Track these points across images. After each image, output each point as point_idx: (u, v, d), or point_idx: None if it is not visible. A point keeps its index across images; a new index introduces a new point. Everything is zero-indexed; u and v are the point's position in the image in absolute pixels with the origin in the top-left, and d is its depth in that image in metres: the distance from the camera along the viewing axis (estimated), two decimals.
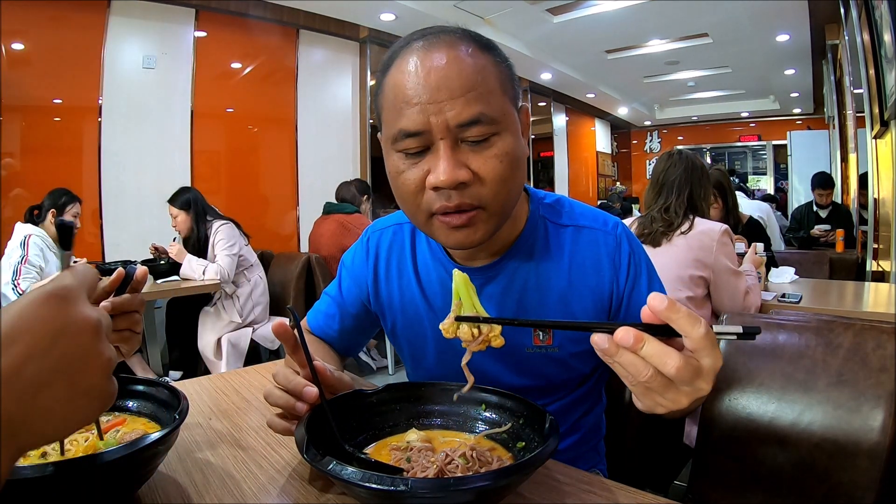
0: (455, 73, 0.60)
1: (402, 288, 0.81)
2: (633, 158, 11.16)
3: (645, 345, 0.43)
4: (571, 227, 0.76)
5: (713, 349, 0.43)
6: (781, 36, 5.39)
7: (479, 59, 0.62)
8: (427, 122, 0.60)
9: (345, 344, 0.90)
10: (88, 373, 0.34)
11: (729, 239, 1.66)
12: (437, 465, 0.51)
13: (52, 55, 3.20)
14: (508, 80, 0.65)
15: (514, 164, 0.63)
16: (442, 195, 0.62)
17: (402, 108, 0.61)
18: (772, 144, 9.70)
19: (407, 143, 0.62)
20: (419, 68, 0.60)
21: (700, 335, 0.42)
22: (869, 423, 0.75)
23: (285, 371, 0.60)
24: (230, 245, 2.71)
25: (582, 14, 4.98)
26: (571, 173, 8.45)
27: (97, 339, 0.35)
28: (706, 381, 0.44)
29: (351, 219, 3.22)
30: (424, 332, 0.80)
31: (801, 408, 0.81)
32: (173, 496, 0.55)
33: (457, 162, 0.60)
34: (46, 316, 0.33)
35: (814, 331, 0.85)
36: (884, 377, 0.76)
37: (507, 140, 0.63)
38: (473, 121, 0.60)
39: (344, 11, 4.41)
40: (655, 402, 0.46)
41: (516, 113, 0.66)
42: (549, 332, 0.73)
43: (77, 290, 0.35)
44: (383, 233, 0.85)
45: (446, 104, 0.59)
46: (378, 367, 3.45)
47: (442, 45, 0.61)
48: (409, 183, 0.63)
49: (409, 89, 0.60)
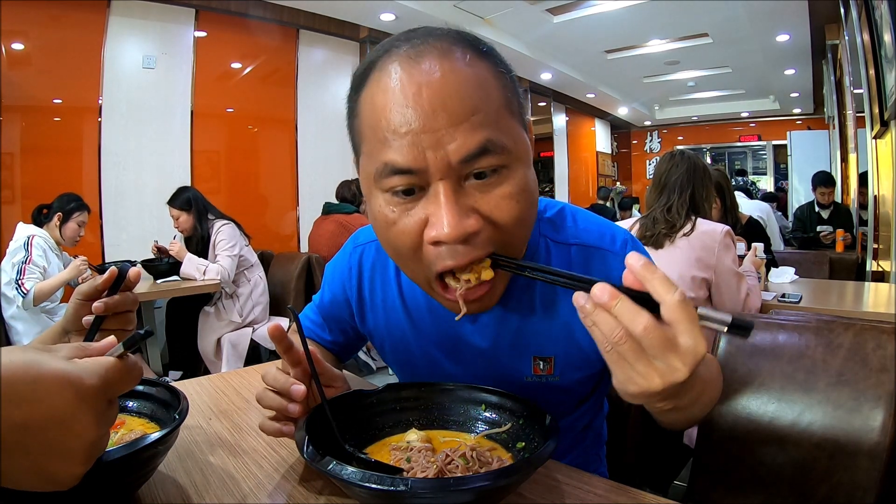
0: (453, 90, 0.48)
1: (387, 311, 0.74)
2: (633, 158, 11.16)
3: (619, 303, 0.41)
4: (576, 245, 0.67)
5: (692, 326, 0.40)
6: (781, 36, 5.39)
7: (479, 69, 0.50)
8: (422, 157, 0.48)
9: (337, 351, 0.88)
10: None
11: (731, 240, 1.66)
12: (437, 465, 0.51)
13: (52, 55, 3.20)
14: (514, 94, 0.54)
15: (531, 201, 0.53)
16: (446, 252, 0.50)
17: (389, 139, 0.49)
18: (772, 144, 9.70)
19: (396, 181, 0.50)
20: (406, 85, 0.48)
21: (675, 301, 0.40)
22: (869, 423, 0.75)
23: (273, 371, 0.59)
24: (231, 245, 2.71)
25: (582, 14, 4.98)
26: (571, 173, 8.45)
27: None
28: (682, 362, 0.40)
29: (350, 219, 3.23)
30: (413, 357, 0.74)
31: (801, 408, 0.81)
32: (173, 496, 0.55)
33: (462, 208, 0.49)
34: (59, 404, 0.34)
35: (814, 331, 0.85)
36: (884, 377, 0.76)
37: (520, 172, 0.52)
38: (480, 151, 0.48)
39: (344, 11, 4.41)
40: (627, 375, 0.42)
41: (525, 133, 0.55)
42: (549, 362, 0.68)
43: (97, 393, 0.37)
44: (366, 248, 0.76)
45: (445, 133, 0.47)
46: (378, 367, 3.45)
47: (433, 52, 0.49)
48: (402, 237, 0.52)
49: (396, 113, 0.48)
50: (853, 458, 0.75)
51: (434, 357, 0.72)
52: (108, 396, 0.38)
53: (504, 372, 0.70)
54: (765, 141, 9.86)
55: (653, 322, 0.40)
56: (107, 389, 0.37)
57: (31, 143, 3.18)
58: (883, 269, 3.01)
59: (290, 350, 0.57)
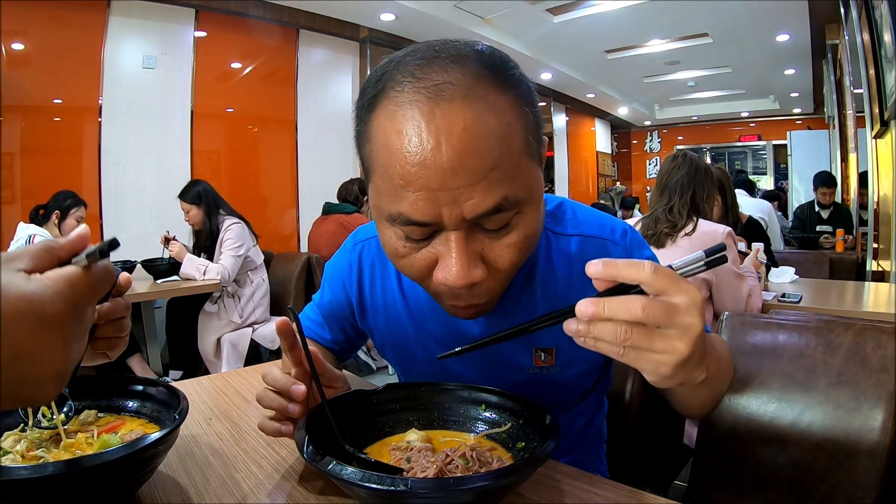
0: (473, 147, 0.46)
1: (387, 307, 0.75)
2: (634, 158, 11.16)
3: (605, 306, 0.41)
4: (576, 237, 0.67)
5: (677, 284, 0.42)
6: (781, 36, 5.39)
7: (502, 113, 0.48)
8: (438, 213, 0.48)
9: (336, 350, 0.88)
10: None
11: (732, 241, 1.68)
12: (437, 465, 0.51)
13: (52, 55, 3.20)
14: (535, 131, 0.52)
15: (532, 245, 0.54)
16: (451, 292, 0.54)
17: (403, 190, 0.48)
18: (772, 144, 9.70)
19: (409, 230, 0.51)
20: (425, 136, 0.46)
21: (649, 274, 0.41)
22: (869, 423, 0.75)
23: (273, 371, 0.59)
24: (237, 246, 2.70)
25: (582, 14, 4.98)
26: (571, 173, 8.46)
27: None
28: (691, 316, 0.41)
29: (350, 219, 3.23)
30: (413, 352, 0.75)
31: (801, 408, 0.81)
32: (173, 496, 0.55)
33: (471, 259, 0.50)
34: None
35: (814, 331, 0.85)
36: (884, 377, 0.76)
37: (530, 218, 0.52)
38: (495, 210, 0.48)
39: (344, 11, 4.41)
40: (654, 362, 0.43)
41: (540, 167, 0.54)
42: (550, 353, 0.69)
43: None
44: (366, 245, 0.77)
45: (462, 192, 0.47)
46: (378, 367, 3.45)
47: (455, 95, 0.46)
48: (411, 269, 0.54)
49: (413, 167, 0.46)
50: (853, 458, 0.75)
51: (434, 351, 0.72)
52: (75, 314, 0.35)
53: (506, 365, 0.70)
54: (765, 141, 9.86)
55: (647, 300, 0.41)
56: (73, 309, 0.34)
57: (31, 143, 3.18)
58: (883, 269, 3.01)
59: (293, 348, 0.57)
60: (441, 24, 4.58)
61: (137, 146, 3.54)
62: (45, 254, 0.36)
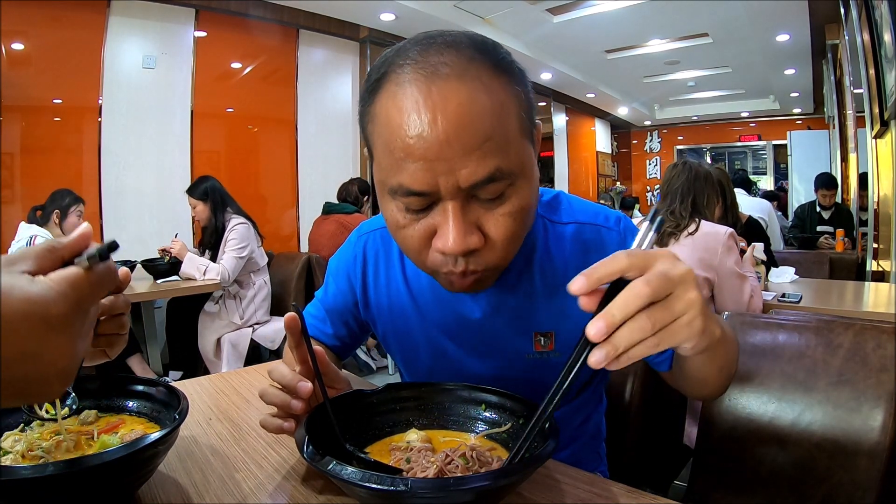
0: (467, 120, 0.50)
1: (390, 295, 0.77)
2: (634, 158, 11.16)
3: (613, 309, 0.40)
4: (572, 224, 0.70)
5: (650, 254, 0.41)
6: (781, 36, 5.39)
7: (496, 92, 0.52)
8: (435, 182, 0.51)
9: (338, 346, 0.88)
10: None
11: (734, 242, 1.71)
12: (437, 464, 0.51)
13: (52, 55, 3.20)
14: (527, 111, 0.56)
15: (527, 217, 0.57)
16: (448, 259, 0.56)
17: (403, 162, 0.52)
18: (772, 144, 9.70)
19: (409, 201, 0.54)
20: (422, 109, 0.50)
21: (625, 259, 0.40)
22: (869, 423, 0.75)
23: (281, 367, 0.59)
24: (241, 247, 2.69)
25: (582, 14, 4.98)
26: (571, 173, 8.46)
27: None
28: (678, 267, 0.41)
29: (351, 219, 3.23)
30: (416, 340, 0.76)
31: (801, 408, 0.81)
32: (173, 496, 0.55)
33: (468, 226, 0.53)
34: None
35: (814, 331, 0.85)
36: (884, 377, 0.76)
37: (523, 191, 0.55)
38: (488, 179, 0.52)
39: (344, 11, 4.41)
40: (687, 326, 0.41)
41: (533, 147, 0.58)
42: (550, 337, 0.70)
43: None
44: (371, 237, 0.80)
45: (457, 161, 0.50)
46: (378, 367, 3.45)
47: (450, 73, 0.50)
48: (411, 240, 0.57)
49: (411, 139, 0.50)
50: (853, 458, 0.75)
51: (436, 338, 0.74)
52: (79, 313, 0.36)
53: (506, 350, 0.71)
54: (765, 141, 9.86)
55: (640, 281, 0.40)
56: (77, 309, 0.35)
57: (31, 143, 3.18)
58: (883, 269, 3.01)
59: (299, 346, 0.58)
60: (441, 24, 4.57)
61: (137, 146, 3.54)
62: (48, 254, 0.37)
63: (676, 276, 0.41)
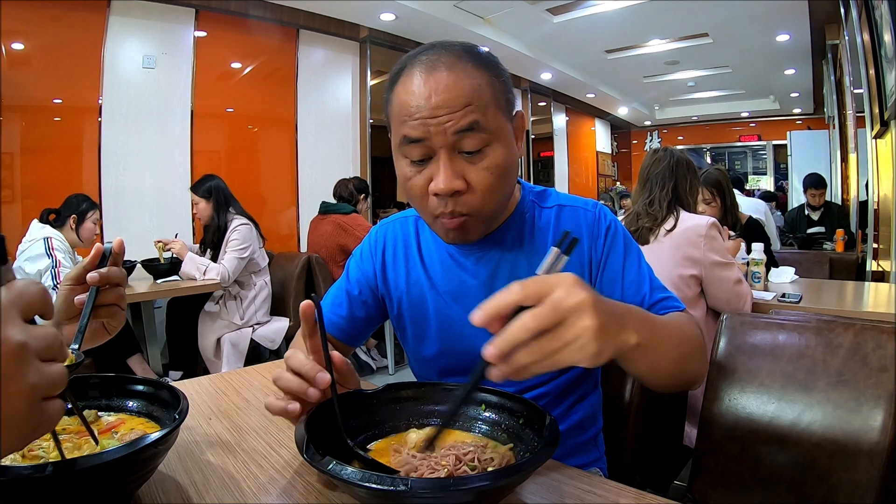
0: (454, 94, 0.67)
1: (408, 270, 0.89)
2: (634, 158, 11.16)
3: (505, 339, 0.45)
4: (555, 206, 0.84)
5: (546, 281, 0.46)
6: (781, 36, 5.39)
7: (475, 77, 0.69)
8: (428, 131, 0.68)
9: (350, 332, 0.91)
10: (3, 400, 0.31)
11: (717, 232, 1.64)
12: (447, 469, 0.51)
13: (52, 55, 3.20)
14: (503, 94, 0.73)
15: (503, 175, 0.71)
16: (441, 201, 0.70)
17: (406, 120, 0.69)
18: (772, 144, 9.70)
19: (410, 149, 0.70)
20: (423, 87, 0.68)
21: (519, 291, 0.45)
22: (869, 423, 0.75)
23: (299, 355, 0.59)
24: (242, 248, 2.68)
25: (582, 14, 4.98)
26: (571, 173, 8.46)
27: (17, 363, 0.31)
28: (574, 295, 0.45)
29: (348, 219, 3.22)
30: (427, 309, 0.86)
31: (801, 408, 0.81)
32: (173, 496, 0.55)
33: (454, 172, 0.69)
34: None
35: (814, 331, 0.85)
36: (884, 377, 0.76)
37: (499, 152, 0.70)
38: (468, 127, 0.67)
39: (344, 11, 4.41)
40: (579, 349, 0.46)
41: (510, 123, 0.74)
42: None
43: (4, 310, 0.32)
44: (390, 226, 0.94)
45: (445, 118, 0.67)
46: (378, 366, 3.45)
47: (442, 65, 0.69)
48: (416, 188, 0.72)
49: (413, 106, 0.69)
50: (853, 458, 0.75)
51: (444, 302, 0.85)
52: (14, 307, 0.33)
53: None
54: (765, 141, 9.87)
55: (530, 310, 0.45)
56: (8, 296, 0.33)
57: (31, 143, 3.17)
58: (883, 269, 3.01)
59: (313, 335, 0.59)
60: (441, 23, 4.58)
61: (137, 146, 3.53)
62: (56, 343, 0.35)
63: (569, 306, 0.45)
